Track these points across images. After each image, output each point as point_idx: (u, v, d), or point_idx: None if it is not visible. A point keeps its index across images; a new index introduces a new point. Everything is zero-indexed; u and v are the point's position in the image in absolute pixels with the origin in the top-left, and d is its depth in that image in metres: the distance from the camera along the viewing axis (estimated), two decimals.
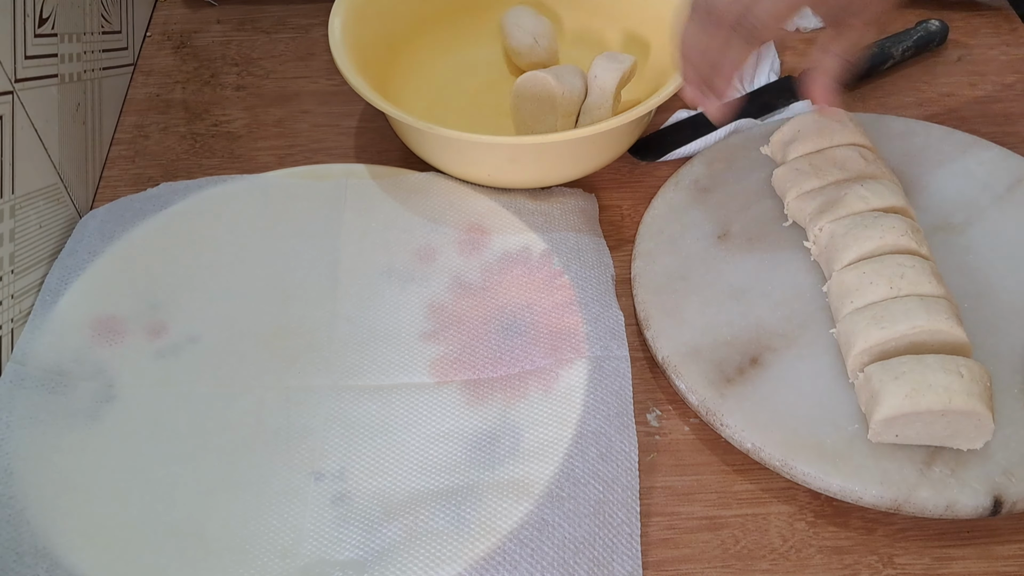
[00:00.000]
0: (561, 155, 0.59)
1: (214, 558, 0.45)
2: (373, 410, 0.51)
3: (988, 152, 0.63)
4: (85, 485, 0.48)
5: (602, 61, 0.63)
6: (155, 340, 0.54)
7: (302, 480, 0.48)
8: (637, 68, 0.65)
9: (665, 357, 0.53)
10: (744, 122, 0.65)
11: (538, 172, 0.60)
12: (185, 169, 0.66)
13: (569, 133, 0.56)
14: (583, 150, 0.59)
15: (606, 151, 0.61)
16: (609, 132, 0.56)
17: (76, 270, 0.57)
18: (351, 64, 0.59)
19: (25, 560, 0.45)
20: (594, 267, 0.57)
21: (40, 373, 0.52)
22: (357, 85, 0.58)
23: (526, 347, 0.53)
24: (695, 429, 0.52)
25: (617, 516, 0.47)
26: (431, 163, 0.62)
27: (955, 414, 0.45)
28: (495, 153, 0.58)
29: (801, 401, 0.50)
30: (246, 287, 0.57)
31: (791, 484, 0.49)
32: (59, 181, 0.60)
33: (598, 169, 0.62)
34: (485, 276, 0.57)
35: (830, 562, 0.47)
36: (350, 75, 0.58)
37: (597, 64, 0.63)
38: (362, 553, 0.45)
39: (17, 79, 0.55)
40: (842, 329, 0.51)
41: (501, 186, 0.61)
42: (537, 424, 0.50)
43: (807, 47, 0.75)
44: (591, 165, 0.61)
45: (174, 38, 0.77)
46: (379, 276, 0.57)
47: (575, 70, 0.64)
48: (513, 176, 0.60)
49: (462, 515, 0.47)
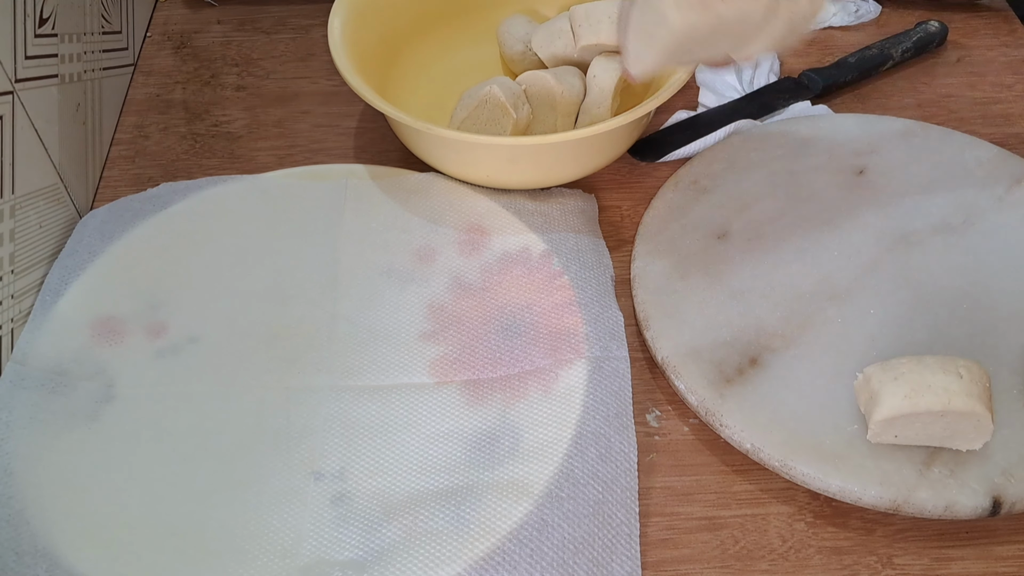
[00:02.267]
0: (560, 156, 0.59)
1: (214, 558, 0.45)
2: (373, 410, 0.51)
3: (988, 153, 0.63)
4: (85, 485, 0.48)
5: (601, 61, 0.63)
6: (155, 340, 0.54)
7: (302, 480, 0.48)
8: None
9: (665, 357, 0.53)
10: (744, 122, 0.65)
11: (537, 173, 0.60)
12: (185, 169, 0.66)
13: (568, 134, 0.56)
14: (582, 150, 0.59)
15: (605, 151, 0.61)
16: (608, 133, 0.56)
17: (76, 270, 0.57)
18: (350, 64, 0.59)
19: (25, 560, 0.45)
20: (594, 267, 0.57)
21: (40, 373, 0.52)
22: (356, 85, 0.58)
23: (526, 347, 0.53)
24: (694, 429, 0.52)
25: (616, 516, 0.47)
26: (430, 164, 0.62)
27: (954, 415, 0.45)
28: (494, 154, 0.58)
29: (800, 401, 0.50)
30: (246, 287, 0.57)
31: (790, 484, 0.49)
32: (59, 181, 0.60)
33: (598, 169, 0.62)
34: (485, 276, 0.57)
35: (829, 562, 0.47)
36: (349, 75, 0.58)
37: (596, 64, 0.63)
38: (362, 553, 0.45)
39: (17, 79, 0.55)
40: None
41: (500, 187, 0.61)
42: (537, 424, 0.50)
43: (807, 47, 0.75)
44: (590, 165, 0.61)
45: (174, 38, 0.77)
46: (379, 276, 0.57)
47: (574, 71, 0.64)
48: (512, 177, 0.60)
49: (462, 515, 0.47)
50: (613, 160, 0.62)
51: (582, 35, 0.63)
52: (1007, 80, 0.72)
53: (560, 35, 0.65)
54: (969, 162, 0.62)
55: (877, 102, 0.71)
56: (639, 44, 0.49)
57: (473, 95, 0.61)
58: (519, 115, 0.60)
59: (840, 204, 0.60)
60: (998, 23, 0.77)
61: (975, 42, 0.76)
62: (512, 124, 0.60)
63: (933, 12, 0.77)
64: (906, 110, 0.70)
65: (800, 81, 0.71)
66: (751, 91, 0.70)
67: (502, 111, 0.60)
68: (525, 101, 0.62)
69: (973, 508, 0.46)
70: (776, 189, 0.61)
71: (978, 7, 0.78)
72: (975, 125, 0.68)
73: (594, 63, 0.63)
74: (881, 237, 0.58)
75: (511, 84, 0.61)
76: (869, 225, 0.59)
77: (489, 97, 0.60)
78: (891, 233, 0.58)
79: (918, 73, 0.73)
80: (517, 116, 0.60)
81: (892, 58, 0.72)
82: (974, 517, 0.46)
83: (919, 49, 0.73)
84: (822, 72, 0.70)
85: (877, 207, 0.60)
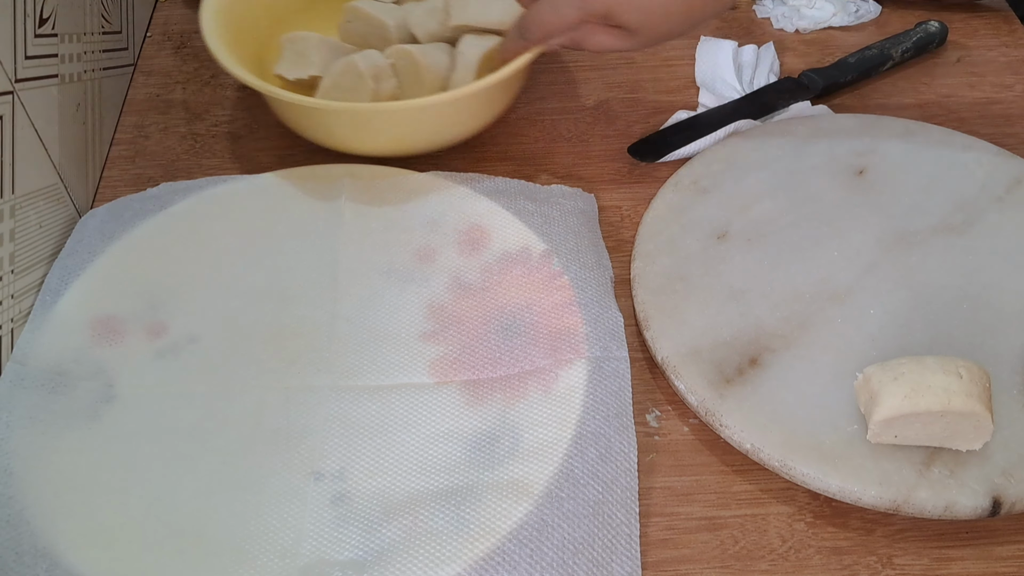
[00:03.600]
0: (401, 123, 0.62)
1: (214, 558, 0.45)
2: (373, 410, 0.51)
3: (987, 153, 0.63)
4: (85, 485, 0.48)
5: (469, 38, 0.65)
6: (155, 340, 0.54)
7: (302, 480, 0.48)
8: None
9: (664, 358, 0.53)
10: (744, 123, 0.65)
11: (390, 141, 0.63)
12: (185, 169, 0.66)
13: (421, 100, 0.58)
14: (445, 116, 0.62)
15: (468, 118, 0.63)
16: (465, 98, 0.59)
17: (76, 270, 0.57)
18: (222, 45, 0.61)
19: (25, 560, 0.45)
20: (593, 268, 0.57)
21: (40, 373, 0.52)
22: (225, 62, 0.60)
23: (526, 348, 0.53)
24: (694, 430, 0.52)
25: (616, 516, 0.47)
26: (301, 134, 0.64)
27: (954, 415, 0.45)
28: (338, 119, 0.61)
29: (800, 402, 0.50)
30: (246, 287, 0.57)
31: (790, 484, 0.49)
32: (59, 181, 0.60)
33: (467, 136, 0.65)
34: (485, 277, 0.57)
35: (829, 562, 0.47)
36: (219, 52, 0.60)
37: (463, 41, 0.65)
38: (362, 553, 0.45)
39: (17, 79, 0.55)
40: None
41: (358, 153, 0.63)
42: (536, 424, 0.50)
43: (807, 48, 0.75)
44: (447, 135, 0.64)
45: (174, 38, 0.77)
46: (379, 276, 0.57)
47: (444, 47, 0.66)
48: (365, 144, 0.63)
49: (462, 515, 0.47)
50: (475, 132, 0.65)
51: (454, 15, 0.65)
52: (1007, 80, 0.72)
53: (434, 14, 0.67)
54: (969, 162, 0.62)
55: (877, 102, 0.71)
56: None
57: (337, 65, 0.63)
58: (379, 86, 0.62)
59: (840, 204, 0.60)
60: (998, 23, 0.77)
61: (975, 42, 0.76)
62: (371, 94, 0.62)
63: (933, 12, 0.77)
64: (906, 110, 0.70)
65: (800, 81, 0.71)
66: (751, 91, 0.70)
67: (360, 80, 0.62)
68: (392, 75, 0.63)
69: (973, 508, 0.46)
70: (776, 189, 0.61)
71: (978, 7, 0.78)
72: (975, 125, 0.68)
73: (461, 40, 0.65)
74: (881, 237, 0.58)
75: (377, 57, 0.63)
76: (869, 225, 0.59)
77: (349, 67, 0.62)
78: (891, 233, 0.58)
79: (918, 73, 0.73)
80: (376, 87, 0.62)
81: (892, 58, 0.72)
82: (974, 517, 0.46)
83: (919, 49, 0.73)
84: (822, 72, 0.70)
85: (877, 207, 0.60)
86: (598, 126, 0.69)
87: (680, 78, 0.73)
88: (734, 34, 0.76)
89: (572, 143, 0.68)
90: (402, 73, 0.64)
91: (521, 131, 0.69)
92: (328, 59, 0.65)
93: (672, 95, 0.71)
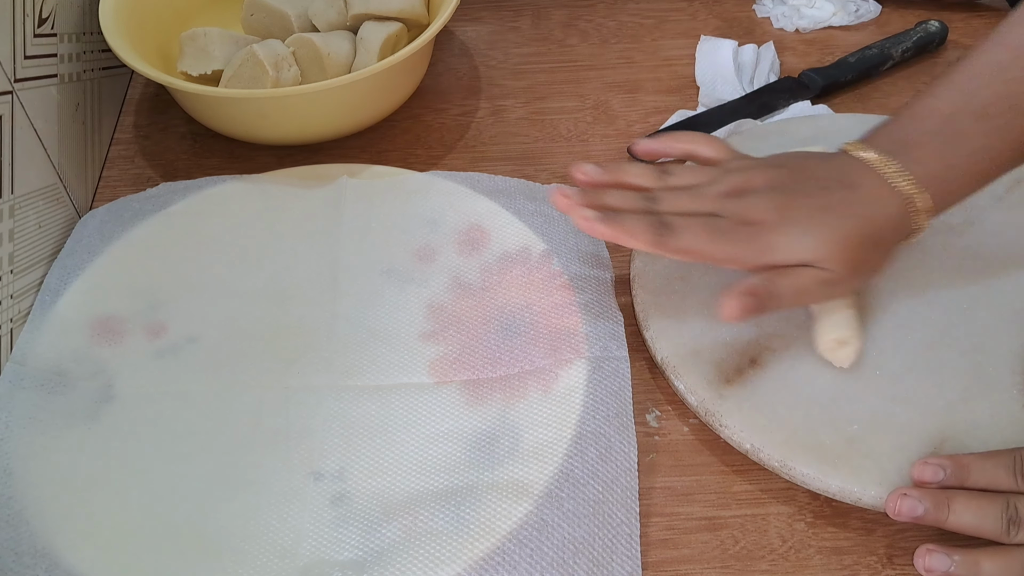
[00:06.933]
0: (321, 105, 0.62)
1: (213, 558, 0.45)
2: (373, 410, 0.51)
3: None
4: (84, 485, 0.48)
5: (369, 25, 0.65)
6: (155, 340, 0.54)
7: (301, 480, 0.48)
8: (406, 37, 0.68)
9: (664, 358, 0.53)
10: (744, 122, 0.65)
11: (291, 128, 0.63)
12: (185, 169, 0.66)
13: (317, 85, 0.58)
14: (346, 100, 0.62)
15: (370, 101, 0.64)
16: (364, 80, 0.59)
17: (75, 270, 0.57)
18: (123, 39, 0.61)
19: (24, 560, 0.45)
20: (593, 268, 0.57)
21: (39, 373, 0.52)
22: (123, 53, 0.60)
23: (525, 347, 0.53)
24: (694, 430, 0.52)
25: (616, 516, 0.47)
26: (218, 131, 0.65)
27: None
28: (250, 109, 0.61)
29: (800, 402, 0.50)
30: (246, 287, 0.57)
31: (790, 485, 0.49)
32: (58, 181, 0.60)
33: (373, 121, 0.66)
34: (485, 276, 0.57)
35: (829, 562, 0.47)
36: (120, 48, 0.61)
37: (364, 28, 0.66)
38: (361, 553, 0.45)
39: (17, 79, 0.55)
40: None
41: (273, 142, 0.65)
42: (536, 424, 0.50)
43: (807, 47, 0.75)
44: (360, 117, 0.65)
45: None
46: (379, 276, 0.57)
47: (345, 34, 0.66)
48: (266, 132, 0.64)
49: (461, 515, 0.47)
50: (380, 117, 0.66)
51: (355, 3, 0.66)
52: None
53: (334, 3, 0.67)
54: None
55: (877, 102, 0.71)
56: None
57: (238, 56, 0.63)
58: (280, 74, 0.63)
59: None
60: (998, 23, 0.77)
61: (975, 42, 0.75)
62: (271, 82, 0.62)
63: (933, 12, 0.77)
64: None
65: (800, 81, 0.71)
66: (751, 91, 0.70)
67: (261, 69, 0.62)
68: (293, 63, 0.64)
69: None
70: None
71: (978, 7, 0.78)
72: None
73: (363, 27, 0.65)
74: None
75: (278, 46, 0.64)
76: None
77: (249, 56, 0.62)
78: None
79: (918, 73, 0.73)
80: (276, 75, 0.62)
81: (892, 58, 0.72)
82: None
83: (919, 49, 0.73)
84: (822, 72, 0.70)
85: None
86: (598, 126, 0.69)
87: (680, 78, 0.73)
88: (734, 34, 0.76)
89: (572, 143, 0.68)
90: (304, 61, 0.64)
91: (521, 131, 0.69)
92: (230, 52, 0.65)
93: (672, 95, 0.71)
